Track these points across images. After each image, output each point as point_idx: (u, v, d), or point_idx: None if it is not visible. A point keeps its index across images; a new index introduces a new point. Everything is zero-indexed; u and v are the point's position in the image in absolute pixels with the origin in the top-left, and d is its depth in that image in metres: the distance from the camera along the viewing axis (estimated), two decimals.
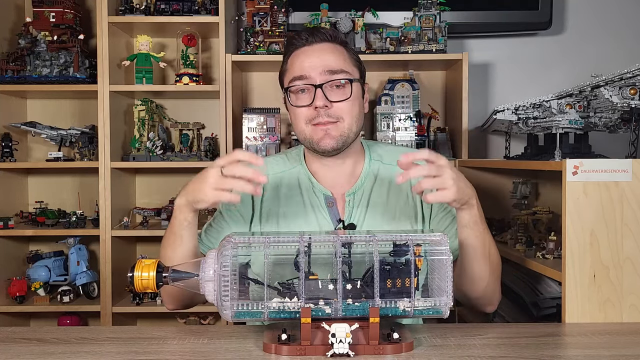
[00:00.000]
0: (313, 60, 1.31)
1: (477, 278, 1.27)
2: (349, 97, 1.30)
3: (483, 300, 1.34)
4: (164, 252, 1.28)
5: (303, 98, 1.31)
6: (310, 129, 1.31)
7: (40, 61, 2.47)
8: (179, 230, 1.23)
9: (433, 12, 2.45)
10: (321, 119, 1.29)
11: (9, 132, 2.52)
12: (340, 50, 1.34)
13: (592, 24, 2.74)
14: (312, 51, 1.32)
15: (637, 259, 1.26)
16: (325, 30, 1.35)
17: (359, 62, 1.38)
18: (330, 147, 1.31)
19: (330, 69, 1.30)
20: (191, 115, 2.72)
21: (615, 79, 1.40)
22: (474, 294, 1.32)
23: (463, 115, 2.40)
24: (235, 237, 1.03)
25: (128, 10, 2.47)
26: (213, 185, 1.13)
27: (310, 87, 1.29)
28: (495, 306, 1.37)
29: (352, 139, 1.33)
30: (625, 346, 1.09)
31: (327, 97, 1.28)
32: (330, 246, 1.05)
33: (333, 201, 1.37)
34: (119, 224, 2.49)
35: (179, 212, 1.22)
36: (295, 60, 1.33)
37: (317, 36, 1.33)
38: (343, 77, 1.30)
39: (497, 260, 1.31)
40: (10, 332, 1.17)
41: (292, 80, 1.32)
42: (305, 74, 1.30)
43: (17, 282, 2.49)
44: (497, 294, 1.34)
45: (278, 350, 1.00)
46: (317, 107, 1.28)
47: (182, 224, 1.23)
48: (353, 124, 1.32)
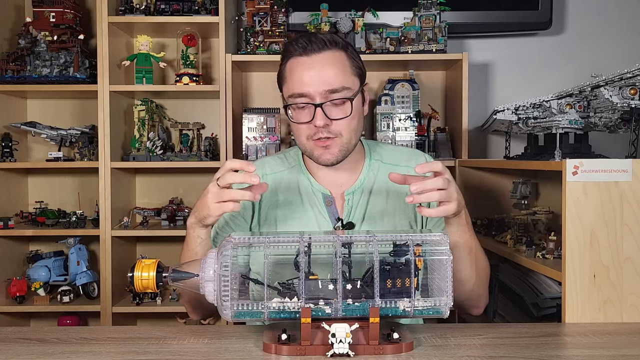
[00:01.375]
0: (313, 76, 1.28)
1: (464, 280, 1.28)
2: (349, 114, 1.29)
3: (469, 302, 1.36)
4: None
5: (303, 114, 1.31)
6: (311, 144, 1.32)
7: (40, 61, 2.47)
8: (195, 247, 1.26)
9: (433, 12, 2.45)
10: (321, 134, 1.29)
11: (9, 132, 2.53)
12: (340, 58, 1.30)
13: (592, 24, 2.74)
14: (311, 64, 1.28)
15: (637, 259, 1.26)
16: (323, 36, 1.31)
17: (360, 66, 1.35)
18: (331, 162, 1.32)
19: (331, 87, 1.27)
20: (191, 115, 2.73)
21: (615, 79, 1.40)
22: (459, 297, 1.29)
23: (463, 115, 2.40)
24: (235, 237, 1.03)
25: (128, 10, 2.47)
26: (214, 199, 1.16)
27: (310, 105, 1.29)
28: (481, 309, 1.38)
29: (352, 149, 1.34)
30: (625, 346, 1.09)
31: (327, 115, 1.28)
32: (330, 246, 1.05)
33: (332, 200, 1.38)
34: (119, 224, 2.49)
35: (192, 230, 1.25)
36: (293, 71, 1.30)
37: (316, 44, 1.29)
38: (343, 97, 1.28)
39: (484, 265, 1.33)
40: (10, 332, 1.17)
41: (291, 96, 1.31)
42: (305, 92, 1.28)
43: (17, 282, 2.49)
44: (483, 298, 1.36)
45: (278, 350, 1.00)
46: (317, 126, 1.29)
47: (196, 242, 1.25)
48: (352, 137, 1.32)
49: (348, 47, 1.33)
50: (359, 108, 1.34)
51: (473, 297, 1.33)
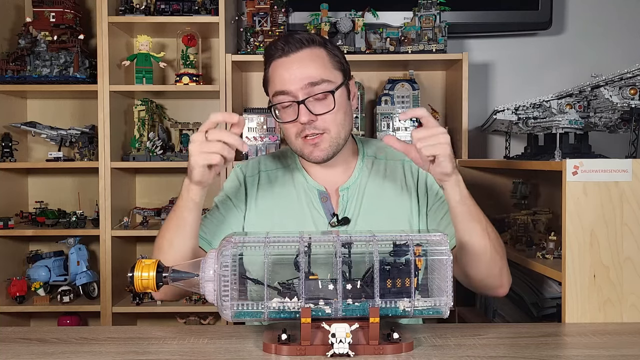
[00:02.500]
0: (293, 72, 1.29)
1: (479, 252, 1.22)
2: (332, 108, 1.29)
3: (492, 280, 1.28)
4: (162, 237, 1.27)
5: (288, 113, 1.32)
6: (300, 142, 1.33)
7: (40, 61, 2.47)
8: (183, 212, 1.23)
9: (433, 12, 2.45)
10: (308, 131, 1.30)
11: (9, 132, 2.53)
12: (319, 54, 1.31)
13: (592, 24, 2.74)
14: (290, 62, 1.30)
15: (637, 259, 1.26)
16: (300, 35, 1.32)
17: (341, 61, 1.36)
18: (321, 159, 1.33)
19: (311, 80, 1.28)
20: (191, 115, 2.72)
21: (615, 79, 1.40)
22: (479, 274, 1.27)
23: (463, 115, 2.40)
24: (235, 237, 1.03)
25: (128, 10, 2.47)
26: (199, 149, 1.15)
27: (293, 103, 1.29)
28: (506, 288, 1.31)
29: (342, 144, 1.35)
30: (625, 346, 1.09)
31: (311, 110, 1.28)
32: (330, 246, 1.05)
33: (327, 196, 1.38)
34: (119, 224, 2.49)
35: (185, 192, 1.22)
36: (275, 72, 1.32)
37: (293, 44, 1.30)
38: (324, 90, 1.29)
39: (496, 237, 1.27)
40: (10, 332, 1.17)
41: (275, 95, 1.32)
42: (286, 89, 1.29)
43: (17, 282, 2.49)
44: (505, 274, 1.29)
45: (278, 350, 1.00)
46: (302, 122, 1.29)
47: (188, 205, 1.22)
48: (341, 130, 1.33)
49: (327, 44, 1.34)
50: (344, 102, 1.34)
51: (494, 273, 1.26)
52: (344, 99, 1.34)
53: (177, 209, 1.25)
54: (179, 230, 1.24)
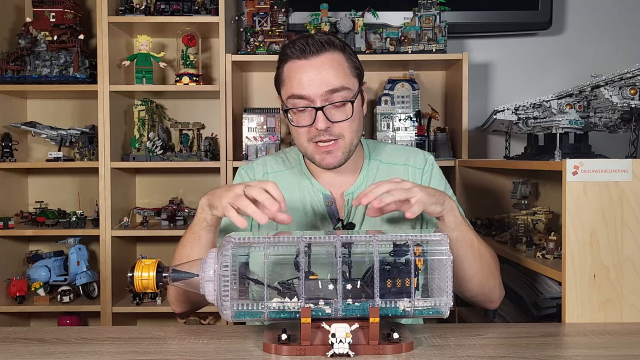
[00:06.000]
0: (312, 78, 1.27)
1: (469, 278, 1.27)
2: (350, 116, 1.29)
3: (482, 297, 1.33)
4: (180, 251, 1.27)
5: (304, 117, 1.30)
6: (312, 147, 1.32)
7: (40, 61, 2.47)
8: (199, 229, 1.24)
9: (433, 12, 2.45)
10: (322, 137, 1.29)
11: (9, 132, 2.53)
12: (338, 60, 1.29)
13: (592, 24, 2.74)
14: (309, 66, 1.27)
15: (637, 259, 1.26)
16: (320, 37, 1.30)
17: (358, 66, 1.35)
18: (333, 166, 1.32)
19: (330, 87, 1.26)
20: (191, 115, 2.73)
21: (615, 79, 1.40)
22: (469, 293, 1.31)
23: (463, 115, 2.40)
24: (235, 237, 1.03)
25: (128, 10, 2.47)
26: (230, 199, 1.13)
27: (311, 108, 1.28)
28: (496, 303, 1.36)
29: (354, 150, 1.34)
30: (625, 346, 1.09)
31: (328, 117, 1.27)
32: (330, 246, 1.05)
33: (332, 200, 1.38)
34: (119, 224, 2.50)
35: (201, 211, 1.23)
36: (292, 73, 1.29)
37: (314, 46, 1.27)
38: (344, 99, 1.28)
39: (489, 256, 1.30)
40: (10, 332, 1.17)
41: (290, 97, 1.29)
42: (304, 94, 1.27)
43: (17, 282, 2.49)
44: (496, 291, 1.33)
45: (278, 350, 1.00)
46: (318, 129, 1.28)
47: (202, 224, 1.23)
48: (354, 137, 1.32)
49: (346, 48, 1.33)
50: (359, 109, 1.34)
51: (484, 292, 1.31)
52: (359, 107, 1.34)
53: (193, 225, 1.26)
54: (194, 246, 1.25)
